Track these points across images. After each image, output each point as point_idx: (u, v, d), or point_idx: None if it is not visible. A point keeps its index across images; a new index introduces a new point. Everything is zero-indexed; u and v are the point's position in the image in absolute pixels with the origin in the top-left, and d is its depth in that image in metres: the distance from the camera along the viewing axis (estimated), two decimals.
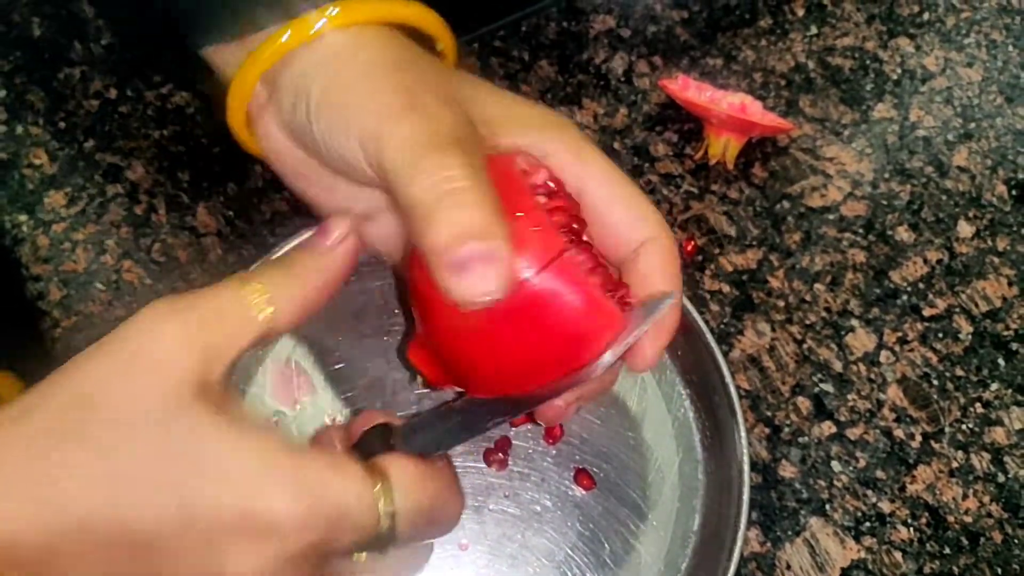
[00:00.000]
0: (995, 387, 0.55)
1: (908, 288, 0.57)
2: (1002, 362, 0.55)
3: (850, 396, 0.54)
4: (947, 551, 0.51)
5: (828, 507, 0.51)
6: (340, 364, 0.52)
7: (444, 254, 0.32)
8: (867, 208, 0.60)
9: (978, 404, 0.54)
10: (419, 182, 0.33)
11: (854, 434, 0.53)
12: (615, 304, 0.36)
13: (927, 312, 0.57)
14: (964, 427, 0.54)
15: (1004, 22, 0.66)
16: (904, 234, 0.59)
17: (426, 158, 0.33)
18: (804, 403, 0.54)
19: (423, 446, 0.38)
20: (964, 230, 0.59)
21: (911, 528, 0.51)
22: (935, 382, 0.55)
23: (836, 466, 0.53)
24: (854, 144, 0.62)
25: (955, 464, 0.53)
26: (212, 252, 0.56)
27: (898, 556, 0.51)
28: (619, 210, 0.38)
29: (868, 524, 0.51)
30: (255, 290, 0.35)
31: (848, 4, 0.67)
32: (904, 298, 0.57)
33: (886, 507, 0.52)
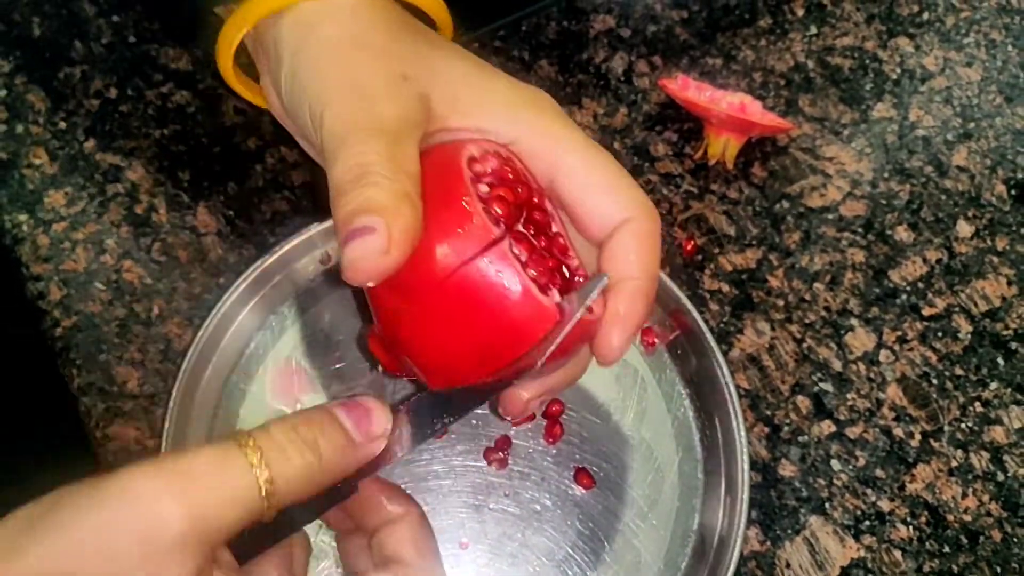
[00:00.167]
0: (994, 386, 0.55)
1: (907, 287, 0.57)
2: (1001, 361, 0.56)
3: (849, 395, 0.54)
4: (946, 550, 0.51)
5: (828, 506, 0.52)
6: (340, 364, 0.52)
7: (340, 230, 0.33)
8: (866, 208, 0.60)
9: (977, 403, 0.54)
10: (338, 165, 0.34)
11: (854, 433, 0.53)
12: (546, 295, 0.35)
13: (926, 311, 0.57)
14: (963, 426, 0.54)
15: (1003, 22, 0.67)
16: (903, 234, 0.59)
17: (347, 144, 0.34)
18: (804, 402, 0.54)
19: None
20: (963, 230, 0.59)
21: (910, 527, 0.51)
22: (934, 381, 0.55)
23: (836, 465, 0.53)
24: (853, 144, 0.62)
25: (954, 463, 0.53)
26: (212, 251, 0.56)
27: (897, 555, 0.51)
28: (594, 193, 0.38)
29: (868, 523, 0.51)
30: (255, 463, 0.31)
31: (848, 4, 0.67)
32: (903, 297, 0.57)
33: (885, 506, 0.52)
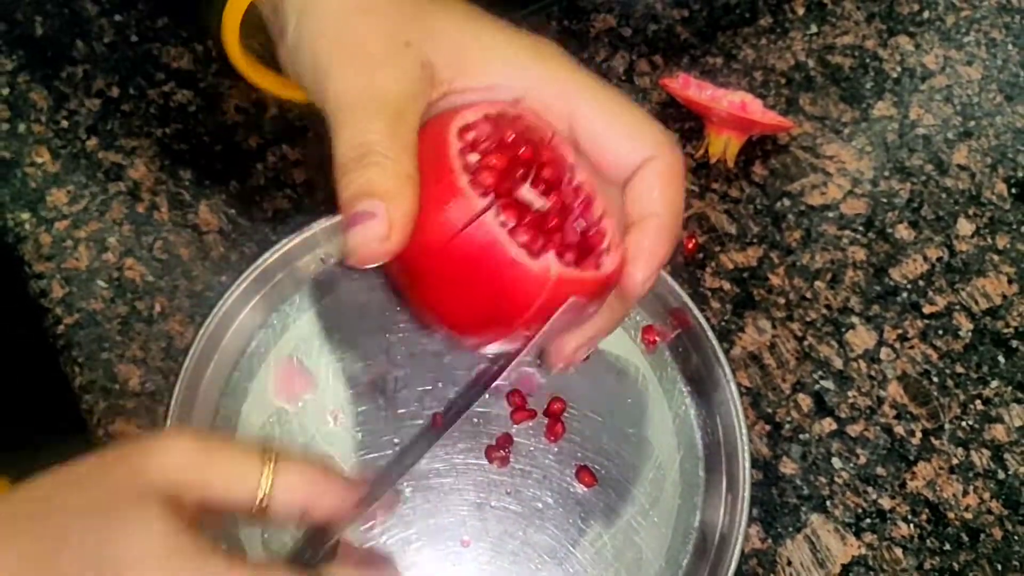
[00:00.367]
0: (995, 384, 0.55)
1: (908, 285, 0.58)
2: (1002, 359, 0.56)
3: (850, 393, 0.54)
4: (947, 547, 0.51)
5: (829, 504, 0.52)
6: (342, 362, 0.52)
7: (343, 212, 0.35)
8: (867, 206, 0.60)
9: (978, 401, 0.54)
10: (342, 142, 0.35)
11: (854, 431, 0.53)
12: (537, 259, 0.35)
13: (927, 309, 0.57)
14: (964, 424, 0.54)
15: (1004, 20, 0.67)
16: (904, 232, 0.59)
17: (350, 119, 0.35)
18: (805, 400, 0.54)
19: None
20: (964, 228, 0.59)
21: (911, 524, 0.51)
22: (935, 379, 0.55)
23: (837, 463, 0.53)
24: (854, 142, 0.62)
25: (955, 461, 0.53)
26: (214, 250, 0.56)
27: (898, 552, 0.51)
28: (611, 136, 0.38)
29: (868, 520, 0.51)
30: (265, 470, 0.35)
31: (848, 3, 0.67)
32: (904, 295, 0.57)
33: (886, 504, 0.52)
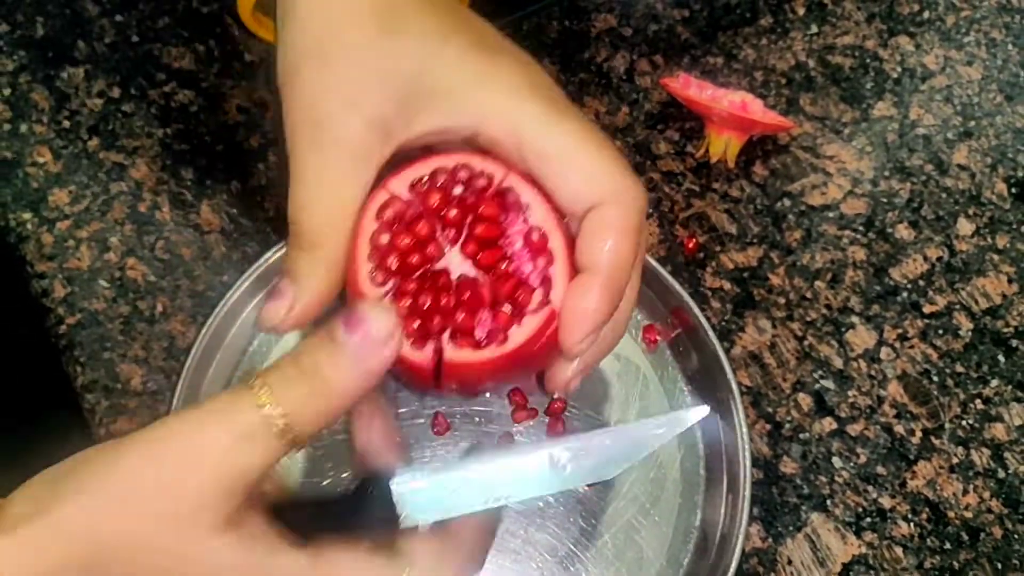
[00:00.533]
0: (995, 383, 0.55)
1: (908, 285, 0.58)
2: (1002, 359, 0.56)
3: (851, 392, 0.54)
4: (947, 546, 0.51)
5: (829, 503, 0.52)
6: None
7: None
8: (867, 206, 0.60)
9: (978, 400, 0.55)
10: (290, 191, 0.40)
11: (855, 430, 0.53)
12: (419, 349, 0.38)
13: (927, 309, 0.57)
14: (964, 423, 0.54)
15: (1004, 21, 0.67)
16: (904, 232, 0.59)
17: (299, 167, 0.40)
18: (805, 399, 0.54)
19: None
20: (964, 228, 0.60)
21: (912, 523, 0.52)
22: (935, 379, 0.55)
23: (837, 462, 0.53)
24: (854, 142, 0.62)
25: (955, 460, 0.53)
26: (216, 250, 0.56)
27: (899, 551, 0.51)
28: (566, 174, 0.38)
29: (869, 520, 0.51)
30: (266, 401, 0.34)
31: (848, 3, 0.67)
32: (904, 295, 0.57)
33: (887, 503, 0.52)
